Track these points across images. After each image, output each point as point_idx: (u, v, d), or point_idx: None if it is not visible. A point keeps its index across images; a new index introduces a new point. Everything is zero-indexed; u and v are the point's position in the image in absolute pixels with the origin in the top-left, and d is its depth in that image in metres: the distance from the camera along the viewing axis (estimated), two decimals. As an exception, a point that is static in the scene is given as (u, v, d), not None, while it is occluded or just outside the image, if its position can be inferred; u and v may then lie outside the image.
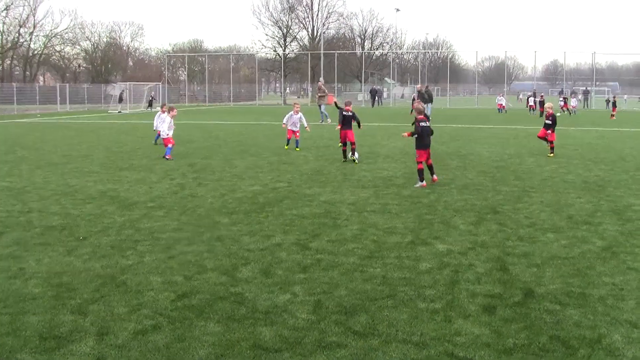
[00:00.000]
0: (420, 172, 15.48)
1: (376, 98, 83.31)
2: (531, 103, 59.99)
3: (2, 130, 35.74)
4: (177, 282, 8.02)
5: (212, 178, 16.69)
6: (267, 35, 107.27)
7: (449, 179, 16.54)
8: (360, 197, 13.82)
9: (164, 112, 24.48)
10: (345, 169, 18.26)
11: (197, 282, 8.02)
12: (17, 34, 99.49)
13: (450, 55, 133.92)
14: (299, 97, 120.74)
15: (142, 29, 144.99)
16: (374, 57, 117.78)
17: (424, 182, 15.41)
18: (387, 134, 31.17)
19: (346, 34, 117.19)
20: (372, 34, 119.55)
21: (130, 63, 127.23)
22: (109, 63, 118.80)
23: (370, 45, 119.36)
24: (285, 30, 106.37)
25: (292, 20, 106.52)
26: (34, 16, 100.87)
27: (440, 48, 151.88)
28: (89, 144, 27.15)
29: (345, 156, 20.73)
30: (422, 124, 15.75)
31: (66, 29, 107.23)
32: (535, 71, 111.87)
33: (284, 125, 24.36)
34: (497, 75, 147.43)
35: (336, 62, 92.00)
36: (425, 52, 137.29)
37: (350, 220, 11.54)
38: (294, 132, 24.06)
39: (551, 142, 22.32)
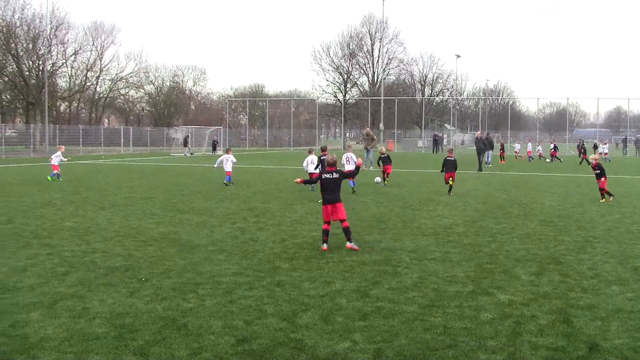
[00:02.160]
0: (324, 232, 13.41)
1: (438, 144, 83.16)
2: (605, 150, 59.90)
3: (68, 170, 36.50)
4: (238, 327, 8.07)
5: (273, 223, 16.80)
6: (327, 80, 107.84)
7: (510, 227, 16.37)
8: (420, 245, 13.76)
9: (229, 153, 28.84)
10: (405, 216, 18.21)
11: (257, 327, 8.06)
12: (85, 78, 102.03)
13: (511, 102, 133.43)
14: (358, 143, 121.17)
15: (204, 73, 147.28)
16: (434, 103, 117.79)
17: (325, 246, 13.22)
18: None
19: (406, 80, 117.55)
20: (433, 80, 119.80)
21: (192, 106, 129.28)
22: (171, 106, 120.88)
23: (430, 91, 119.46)
24: (345, 76, 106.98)
25: (353, 66, 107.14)
26: (100, 60, 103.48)
27: (500, 94, 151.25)
28: (151, 186, 27.58)
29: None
30: (326, 175, 13.56)
31: (131, 73, 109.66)
32: (598, 118, 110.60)
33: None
34: (559, 122, 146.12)
35: (396, 108, 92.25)
36: (485, 99, 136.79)
37: (410, 268, 11.48)
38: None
39: (602, 190, 22.79)
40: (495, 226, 16.52)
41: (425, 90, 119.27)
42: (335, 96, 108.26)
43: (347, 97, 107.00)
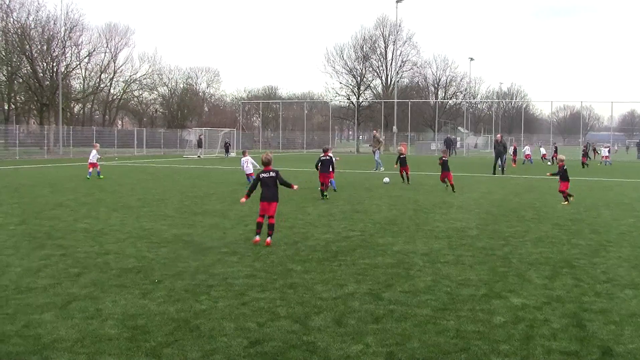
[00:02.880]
0: (258, 224, 14.39)
1: (451, 147, 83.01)
2: (605, 153, 59.72)
3: (82, 172, 36.64)
4: (250, 329, 8.07)
5: (285, 225, 16.80)
6: (341, 83, 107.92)
7: (523, 231, 16.32)
8: (433, 248, 13.73)
9: (245, 155, 30.26)
10: (418, 219, 18.18)
11: (270, 330, 8.06)
12: (98, 80, 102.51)
13: (525, 105, 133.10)
14: (370, 146, 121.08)
15: (218, 76, 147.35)
16: (447, 106, 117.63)
17: (257, 237, 14.14)
18: (460, 184, 30.91)
19: (420, 83, 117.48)
20: (446, 83, 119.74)
21: (206, 109, 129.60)
22: (185, 108, 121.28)
23: (443, 94, 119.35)
24: (359, 79, 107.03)
25: (366, 69, 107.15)
26: (114, 62, 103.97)
27: (514, 97, 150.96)
28: (164, 188, 27.67)
29: (323, 195, 23.57)
30: (264, 174, 14.58)
31: (145, 74, 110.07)
32: (612, 121, 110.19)
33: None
34: (572, 125, 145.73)
35: (409, 110, 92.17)
36: (499, 102, 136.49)
37: (423, 271, 11.46)
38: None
39: (562, 192, 23.24)
40: (508, 229, 16.48)
41: (439, 93, 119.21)
42: (349, 99, 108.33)
43: (361, 99, 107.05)
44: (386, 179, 26.57)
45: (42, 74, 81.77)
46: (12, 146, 66.56)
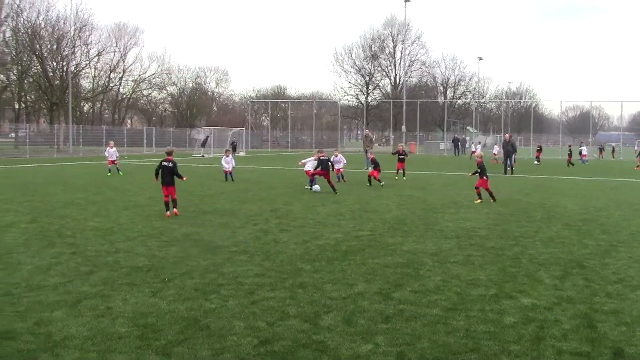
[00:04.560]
0: (165, 204, 18.43)
1: (459, 147, 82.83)
2: (584, 152, 59.39)
3: (92, 170, 36.77)
4: (260, 328, 8.08)
5: (295, 224, 16.81)
6: (349, 82, 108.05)
7: (533, 231, 16.28)
8: (442, 248, 13.71)
9: (228, 155, 32.87)
10: (428, 219, 18.15)
11: (280, 329, 8.06)
12: (108, 79, 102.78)
13: (534, 105, 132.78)
14: (380, 145, 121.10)
15: (226, 75, 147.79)
16: (456, 106, 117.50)
17: (168, 213, 18.18)
18: (469, 183, 30.88)
19: (428, 83, 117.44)
20: (455, 83, 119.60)
21: (215, 108, 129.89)
22: (194, 108, 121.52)
23: (452, 94, 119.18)
24: (367, 78, 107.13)
25: (375, 69, 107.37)
26: (123, 62, 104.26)
27: (523, 97, 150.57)
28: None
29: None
30: (165, 163, 18.57)
31: (154, 74, 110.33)
32: (622, 121, 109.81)
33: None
34: (582, 125, 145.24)
35: (418, 110, 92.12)
36: (508, 101, 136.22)
37: (433, 271, 11.44)
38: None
39: (477, 188, 23.18)
40: (518, 229, 16.43)
41: (448, 92, 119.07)
42: (357, 98, 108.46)
43: (369, 99, 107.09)
44: (316, 187, 26.21)
45: (52, 74, 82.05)
46: (22, 145, 66.83)
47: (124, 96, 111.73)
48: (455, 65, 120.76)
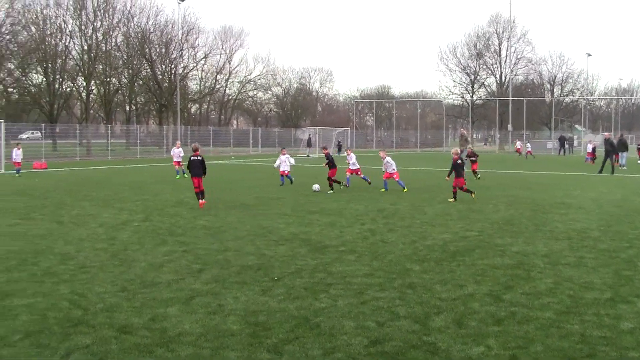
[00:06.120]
0: (197, 195, 20.70)
1: (565, 146, 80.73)
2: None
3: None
4: (370, 328, 8.07)
5: (402, 224, 16.75)
6: (454, 81, 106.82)
7: (650, 233, 15.71)
8: (553, 249, 13.40)
9: (284, 154, 29.73)
10: (537, 219, 17.77)
11: (390, 329, 8.04)
12: (214, 80, 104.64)
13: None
14: (485, 144, 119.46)
15: (331, 75, 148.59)
16: (563, 104, 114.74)
17: (201, 202, 20.41)
18: (578, 183, 30.15)
19: (535, 80, 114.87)
20: (562, 80, 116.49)
21: (319, 108, 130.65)
22: (298, 108, 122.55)
23: (559, 92, 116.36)
24: (472, 77, 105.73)
25: (480, 67, 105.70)
26: (229, 63, 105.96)
27: (634, 94, 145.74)
28: (279, 186, 27.95)
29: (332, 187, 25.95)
30: (194, 157, 20.76)
31: (259, 75, 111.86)
32: None
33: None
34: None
35: (524, 108, 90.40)
36: (618, 99, 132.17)
37: (544, 273, 11.19)
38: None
39: (454, 187, 22.77)
40: (632, 231, 15.89)
41: (555, 90, 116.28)
42: (462, 97, 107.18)
43: (475, 98, 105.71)
44: (315, 187, 25.81)
45: (160, 76, 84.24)
46: (133, 145, 68.86)
47: (230, 97, 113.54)
48: (563, 62, 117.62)
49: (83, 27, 72.62)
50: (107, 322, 8.30)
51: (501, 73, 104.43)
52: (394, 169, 26.30)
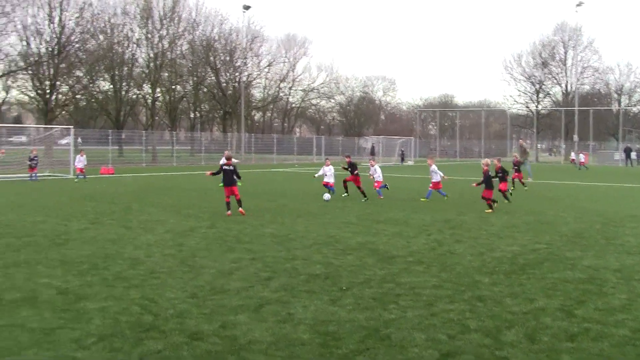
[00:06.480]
0: (227, 204, 20.57)
1: (632, 157, 78.97)
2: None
3: (262, 177, 37.75)
4: (441, 341, 8.00)
5: (469, 235, 16.59)
6: (519, 90, 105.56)
7: None
8: (626, 264, 13.09)
9: (328, 164, 28.05)
10: (607, 233, 17.42)
11: (461, 342, 7.95)
12: (278, 88, 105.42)
13: None
14: (550, 155, 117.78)
15: (393, 84, 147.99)
16: (631, 114, 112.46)
17: (229, 212, 20.25)
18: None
19: (601, 90, 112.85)
20: (630, 90, 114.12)
21: (382, 117, 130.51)
22: (361, 116, 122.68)
23: (627, 101, 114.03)
24: (537, 86, 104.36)
25: (545, 76, 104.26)
26: (293, 72, 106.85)
27: None
28: (343, 195, 27.93)
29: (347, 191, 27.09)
30: (226, 167, 20.82)
31: (322, 83, 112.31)
32: None
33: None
34: None
35: (591, 118, 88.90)
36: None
37: (617, 289, 10.95)
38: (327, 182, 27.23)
39: (488, 199, 22.73)
40: None
41: (622, 100, 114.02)
42: (527, 106, 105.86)
43: (540, 107, 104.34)
44: (326, 196, 25.50)
45: (225, 84, 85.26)
46: (197, 152, 69.68)
47: (293, 105, 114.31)
48: (630, 72, 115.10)
49: (149, 36, 73.84)
50: (178, 328, 8.38)
51: (567, 82, 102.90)
52: (438, 179, 26.41)
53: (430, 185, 26.37)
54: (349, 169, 26.93)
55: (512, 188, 29.43)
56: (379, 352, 7.57)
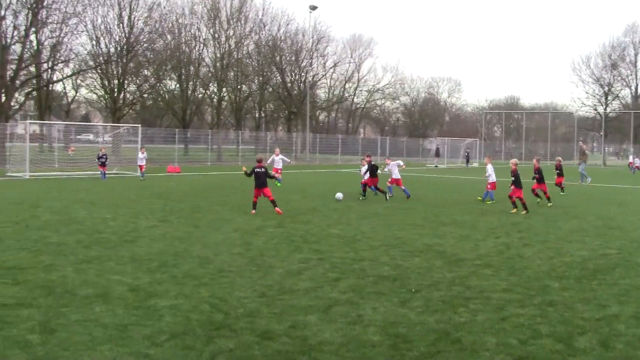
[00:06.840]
0: (253, 204, 21.13)
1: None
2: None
3: (326, 178, 37.81)
4: (512, 345, 7.93)
5: (537, 239, 16.40)
6: (587, 93, 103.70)
7: None
8: (701, 271, 12.81)
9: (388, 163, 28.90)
10: (680, 239, 17.05)
11: (533, 348, 7.87)
12: (343, 89, 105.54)
13: None
14: (618, 159, 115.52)
15: (459, 85, 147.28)
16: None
17: (253, 211, 20.85)
18: None
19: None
20: None
21: (447, 118, 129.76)
22: (426, 118, 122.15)
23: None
24: (606, 88, 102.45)
25: (614, 78, 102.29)
26: (358, 72, 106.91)
27: None
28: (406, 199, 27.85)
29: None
30: (257, 169, 21.06)
31: (387, 84, 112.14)
32: None
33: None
34: None
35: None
36: None
37: (693, 296, 10.72)
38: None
39: (519, 198, 22.81)
40: None
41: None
42: (595, 109, 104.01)
43: (608, 110, 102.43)
44: (339, 195, 25.22)
45: (290, 84, 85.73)
46: (262, 152, 70.09)
47: (358, 106, 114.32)
48: None
49: (216, 35, 74.75)
50: (249, 327, 8.45)
51: (637, 84, 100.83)
52: (494, 179, 26.25)
53: (488, 186, 26.11)
54: (369, 172, 26.92)
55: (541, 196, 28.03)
56: (450, 356, 7.54)
